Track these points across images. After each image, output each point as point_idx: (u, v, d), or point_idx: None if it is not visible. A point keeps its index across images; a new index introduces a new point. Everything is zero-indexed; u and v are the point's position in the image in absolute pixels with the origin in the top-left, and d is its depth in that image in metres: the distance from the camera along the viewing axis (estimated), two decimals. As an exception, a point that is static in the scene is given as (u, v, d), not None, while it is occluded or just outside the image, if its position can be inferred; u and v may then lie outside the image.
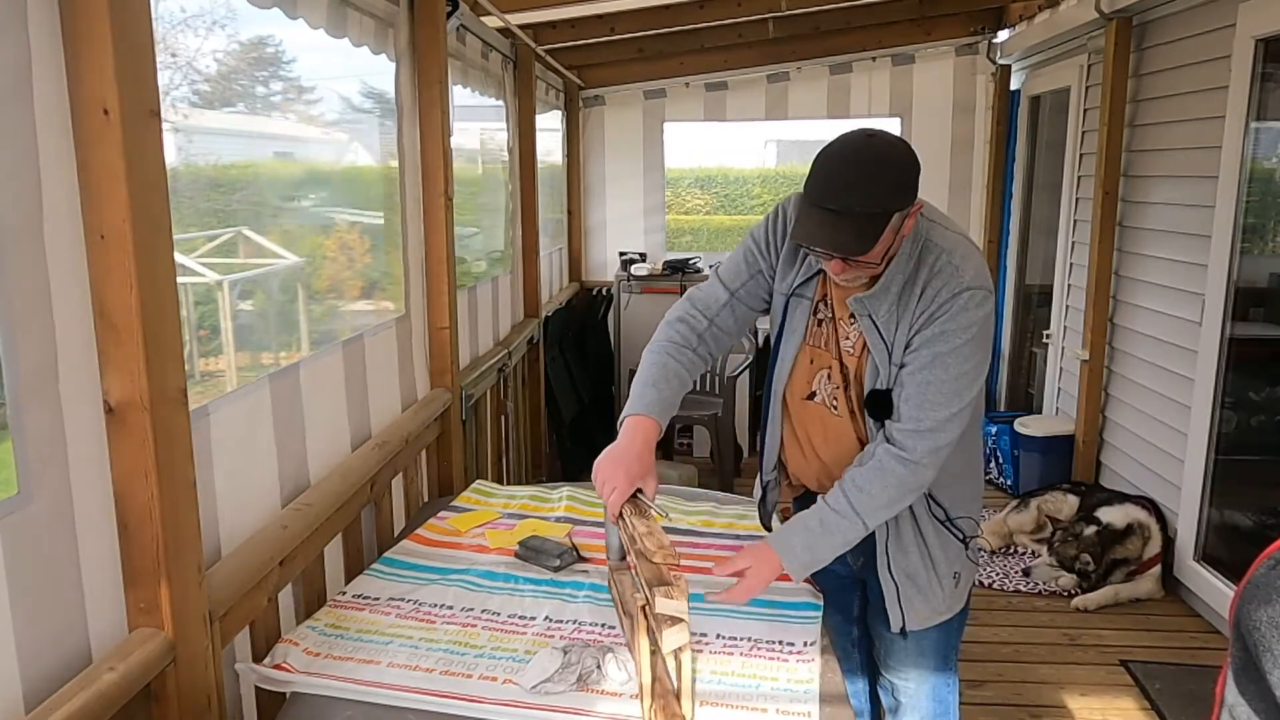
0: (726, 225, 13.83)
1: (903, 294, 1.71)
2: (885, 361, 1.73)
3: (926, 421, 1.68)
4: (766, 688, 1.64)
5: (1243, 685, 0.93)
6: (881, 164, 1.62)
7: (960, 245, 1.73)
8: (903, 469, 1.69)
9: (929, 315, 1.69)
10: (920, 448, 1.68)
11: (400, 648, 1.77)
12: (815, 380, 1.86)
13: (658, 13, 4.60)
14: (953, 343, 1.68)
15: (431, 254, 2.86)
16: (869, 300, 1.73)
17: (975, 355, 1.70)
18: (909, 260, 1.71)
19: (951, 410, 1.69)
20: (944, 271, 1.69)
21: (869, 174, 1.61)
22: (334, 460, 2.24)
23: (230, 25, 2.17)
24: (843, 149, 1.64)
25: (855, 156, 1.63)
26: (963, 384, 1.69)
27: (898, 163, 1.64)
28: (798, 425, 1.91)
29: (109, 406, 1.33)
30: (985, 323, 1.70)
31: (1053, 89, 5.14)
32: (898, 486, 1.70)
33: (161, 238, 1.35)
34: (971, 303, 1.67)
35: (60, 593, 1.31)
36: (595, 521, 2.43)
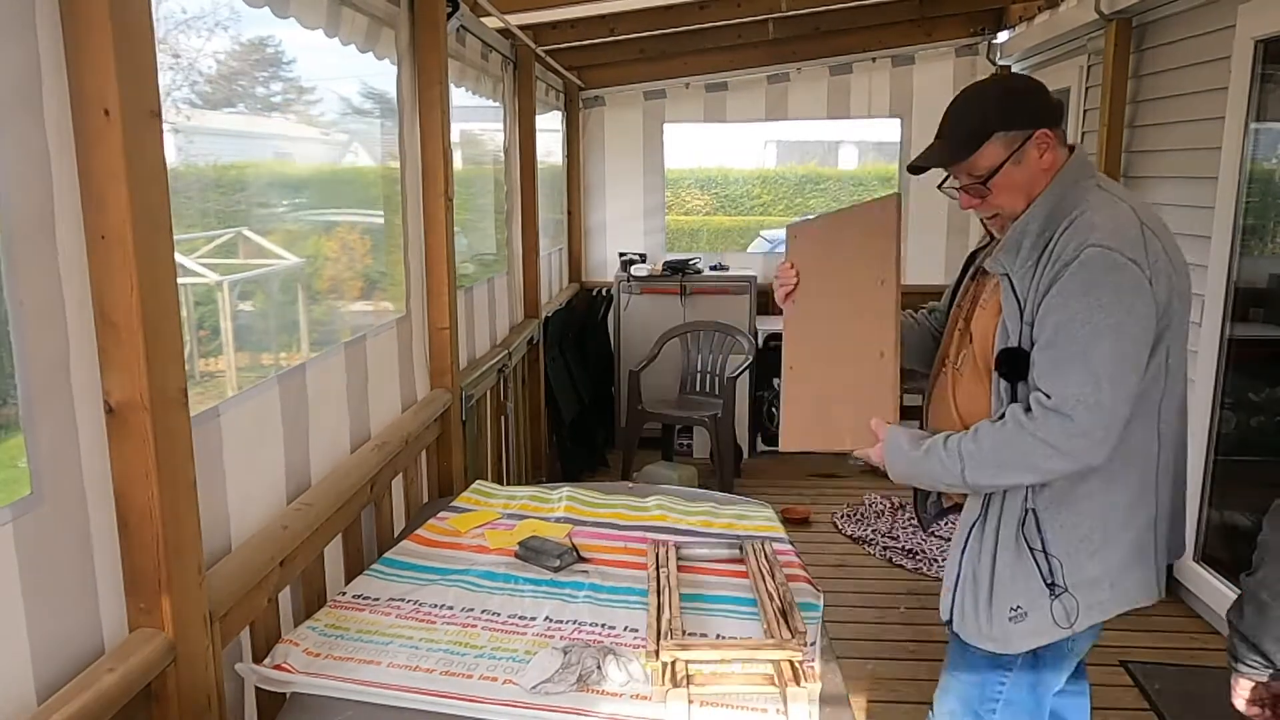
0: (726, 226, 13.84)
1: (1036, 246, 1.59)
2: (1017, 321, 1.59)
3: (1056, 396, 1.52)
4: (767, 688, 1.64)
5: None
6: (986, 89, 1.71)
7: (1112, 207, 1.58)
8: (1020, 436, 1.54)
9: (1055, 274, 1.54)
10: (1048, 422, 1.52)
11: (400, 648, 1.77)
12: (953, 342, 1.82)
13: (658, 13, 4.60)
14: (1074, 307, 1.51)
15: (431, 254, 2.86)
16: (1002, 256, 1.63)
17: (1112, 329, 1.50)
18: (1048, 217, 1.60)
19: (1085, 390, 1.50)
20: (1078, 226, 1.55)
21: (969, 97, 1.69)
22: (337, 460, 2.24)
23: (231, 26, 2.18)
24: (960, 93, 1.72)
25: (965, 92, 1.71)
26: (1098, 358, 1.50)
27: (1002, 88, 1.71)
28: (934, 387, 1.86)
29: (109, 406, 1.33)
30: (1121, 291, 1.50)
31: (1052, 89, 5.13)
32: (1008, 449, 1.55)
33: (161, 238, 1.35)
34: (1097, 262, 1.50)
35: (73, 592, 1.32)
36: (595, 522, 2.43)
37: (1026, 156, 1.63)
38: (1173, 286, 1.59)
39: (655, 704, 1.59)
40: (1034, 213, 1.62)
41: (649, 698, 1.61)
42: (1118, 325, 1.51)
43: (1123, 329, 1.51)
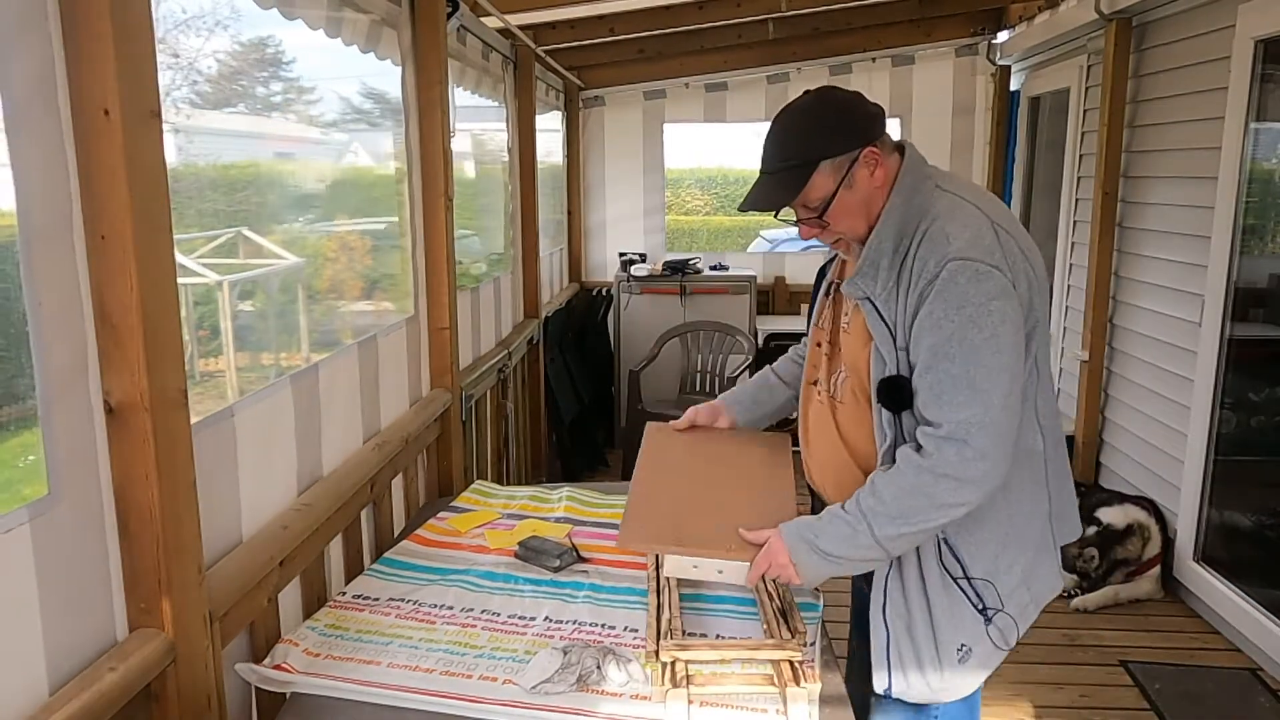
0: (726, 226, 13.83)
1: (894, 265, 1.53)
2: (890, 347, 1.53)
3: (946, 425, 1.46)
4: (767, 688, 1.64)
5: None
6: (805, 113, 1.58)
7: (962, 211, 1.52)
8: (918, 476, 1.48)
9: (919, 294, 1.48)
10: (943, 455, 1.46)
11: (400, 648, 1.77)
12: (820, 365, 1.75)
13: (657, 14, 4.60)
14: (947, 328, 1.45)
15: (432, 255, 2.86)
16: (860, 281, 1.56)
17: (987, 343, 1.44)
18: (903, 228, 1.53)
19: (973, 412, 1.45)
20: (934, 238, 1.49)
21: (788, 126, 1.58)
22: (350, 459, 2.25)
23: (231, 26, 2.18)
24: (779, 113, 1.62)
25: (781, 116, 1.61)
26: (980, 376, 1.44)
27: (824, 108, 1.57)
28: (802, 413, 1.81)
29: (109, 407, 1.33)
30: (989, 301, 1.44)
31: (1052, 90, 5.14)
32: (911, 494, 1.48)
33: (162, 238, 1.35)
34: (961, 275, 1.44)
35: (89, 592, 1.32)
36: (595, 522, 2.43)
37: (857, 178, 1.55)
38: (1031, 282, 1.53)
39: (655, 704, 1.59)
40: (883, 231, 1.55)
41: (649, 698, 1.61)
42: (993, 337, 1.45)
43: (998, 340, 1.46)
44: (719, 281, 5.78)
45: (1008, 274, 1.48)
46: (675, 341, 5.46)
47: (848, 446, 1.68)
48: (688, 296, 5.72)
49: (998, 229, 1.52)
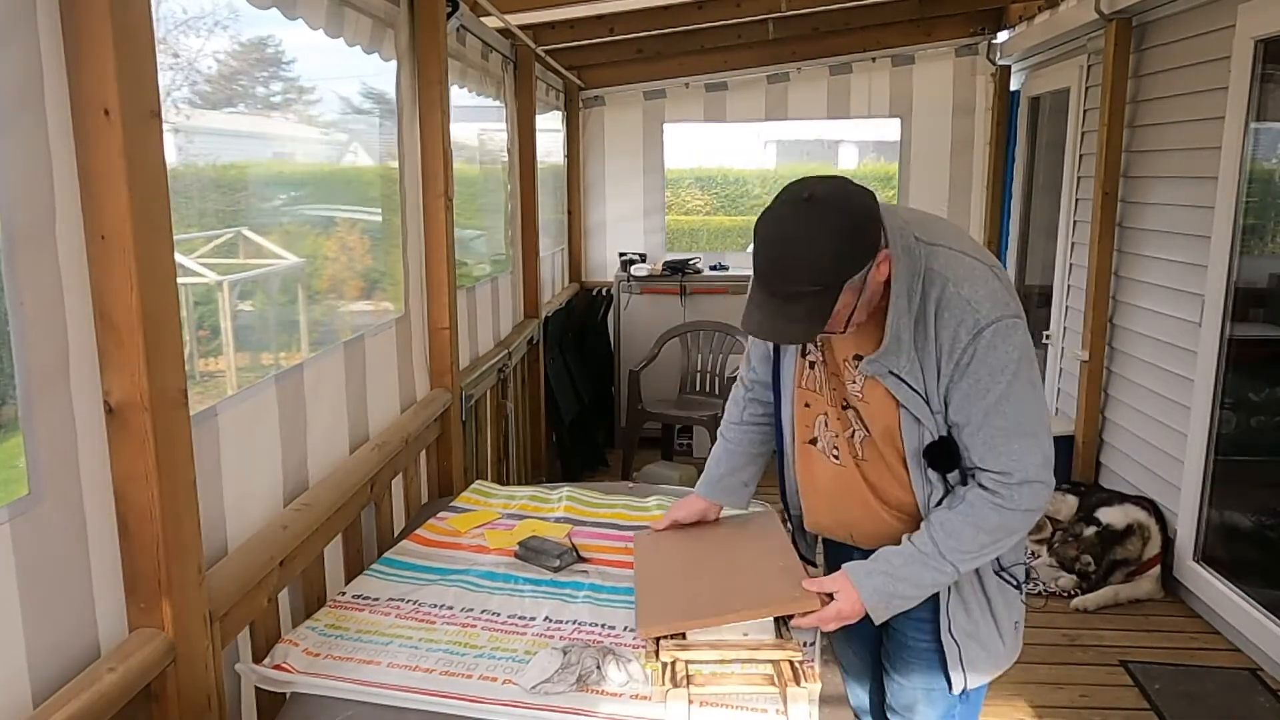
0: (726, 226, 13.83)
1: (916, 337, 1.54)
2: (926, 412, 1.57)
3: (1019, 473, 1.54)
4: (767, 688, 1.64)
5: None
6: (821, 235, 1.44)
7: (965, 269, 1.54)
8: (1000, 516, 1.56)
9: (956, 363, 1.52)
10: (1019, 496, 1.55)
11: (400, 648, 1.77)
12: (815, 425, 1.75)
13: (657, 13, 4.60)
14: (996, 390, 1.52)
15: (431, 254, 2.86)
16: (883, 359, 1.56)
17: (1028, 390, 1.54)
18: (911, 297, 1.53)
19: (1036, 454, 1.55)
20: (954, 306, 1.51)
21: (805, 249, 1.44)
22: (334, 460, 2.24)
23: (231, 26, 2.18)
24: (779, 221, 1.48)
25: (792, 231, 1.45)
26: (1029, 422, 1.55)
27: (841, 228, 1.45)
28: (802, 469, 1.82)
29: (109, 407, 1.33)
30: (1023, 351, 1.53)
31: (1052, 90, 5.14)
32: (993, 532, 1.57)
33: (161, 238, 1.35)
34: (997, 339, 1.50)
35: (70, 593, 1.32)
36: (594, 522, 2.43)
37: (870, 282, 1.51)
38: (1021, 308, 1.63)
39: (655, 704, 1.59)
40: (898, 306, 1.53)
41: (649, 698, 1.61)
42: (1029, 379, 1.55)
43: (1035, 383, 1.57)
44: (719, 281, 5.78)
45: (1021, 315, 1.57)
46: (675, 341, 5.46)
47: (879, 499, 1.71)
48: (688, 296, 5.72)
49: (995, 272, 1.59)
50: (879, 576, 1.61)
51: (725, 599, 1.71)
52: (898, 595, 1.62)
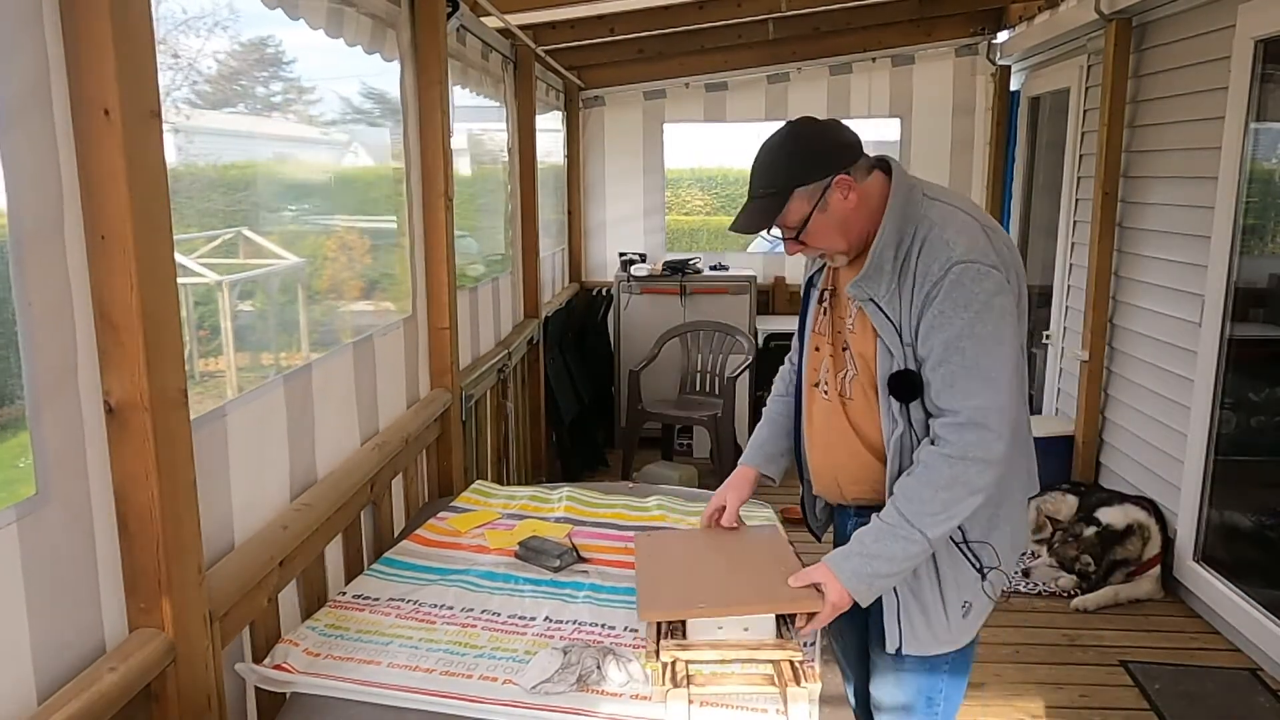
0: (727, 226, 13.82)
1: (900, 271, 1.67)
2: (897, 343, 1.67)
3: (964, 412, 1.61)
4: (767, 688, 1.64)
5: None
6: (779, 146, 1.72)
7: (955, 219, 1.67)
8: (950, 467, 1.61)
9: (926, 295, 1.63)
10: (966, 441, 1.60)
11: (400, 648, 1.77)
12: (820, 368, 1.85)
13: (657, 13, 4.60)
14: (957, 324, 1.60)
15: (431, 254, 2.86)
16: (864, 283, 1.69)
17: (993, 335, 1.61)
18: (901, 237, 1.67)
19: (988, 398, 1.60)
20: (934, 244, 1.64)
21: (765, 158, 1.73)
22: (343, 460, 2.25)
23: (231, 26, 2.18)
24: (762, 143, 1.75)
25: (762, 145, 1.74)
26: (989, 366, 1.61)
27: (798, 139, 1.71)
28: (806, 413, 1.90)
29: (110, 407, 1.33)
30: (993, 299, 1.60)
31: (1052, 90, 5.14)
32: (949, 487, 1.61)
33: (161, 238, 1.35)
34: (965, 277, 1.60)
35: (76, 593, 1.32)
36: (595, 522, 2.43)
37: (830, 203, 1.69)
38: (1020, 276, 1.71)
39: (655, 704, 1.59)
40: (885, 239, 1.68)
41: (649, 698, 1.61)
42: (996, 329, 1.62)
43: (1001, 332, 1.62)
44: (719, 281, 5.78)
45: (1003, 271, 1.64)
46: (675, 341, 5.46)
47: (861, 439, 1.78)
48: (688, 296, 5.72)
49: (988, 231, 1.68)
50: (855, 558, 1.67)
51: (729, 593, 1.73)
52: (877, 574, 1.66)
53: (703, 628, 1.67)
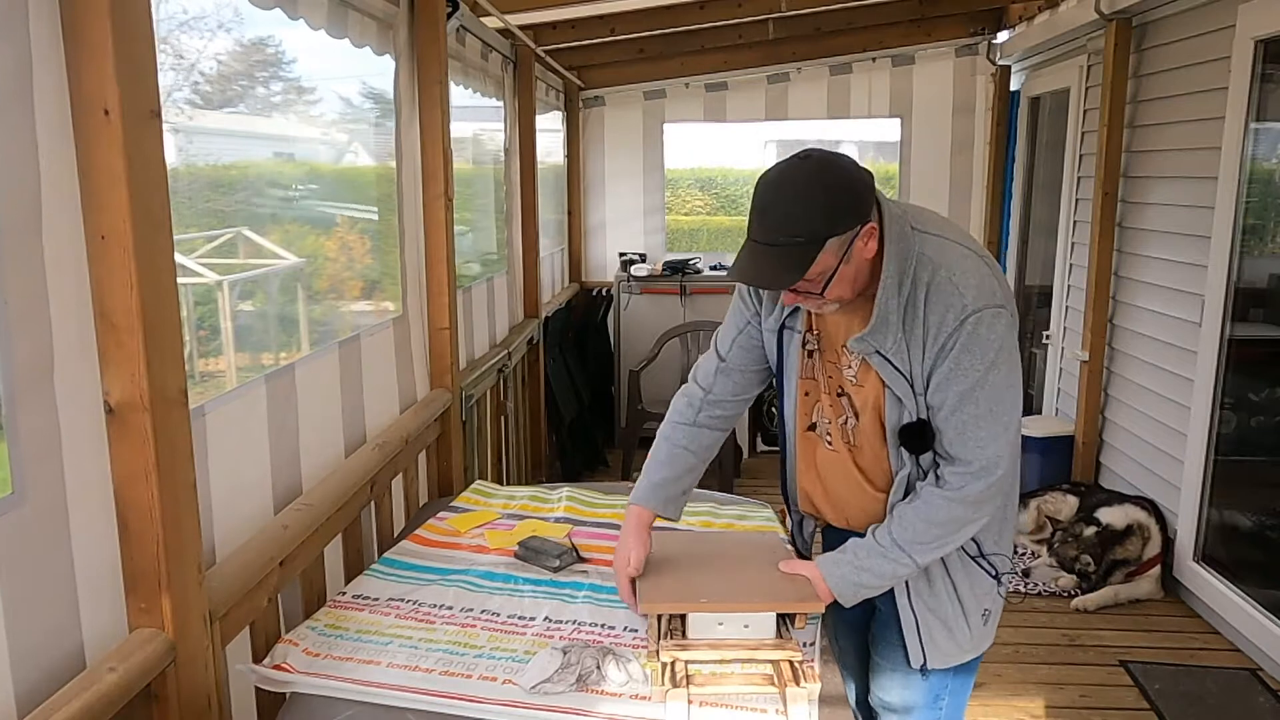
0: (727, 226, 13.82)
1: (905, 319, 1.59)
2: (909, 393, 1.62)
3: (978, 462, 1.59)
4: (766, 689, 1.64)
5: None
6: (810, 188, 1.52)
7: (957, 257, 1.59)
8: (950, 509, 1.62)
9: (940, 347, 1.57)
10: (973, 488, 1.60)
11: (400, 648, 1.77)
12: (814, 412, 1.82)
13: (658, 13, 4.60)
14: (973, 375, 1.56)
15: (431, 254, 2.86)
16: (871, 337, 1.60)
17: (1005, 379, 1.58)
18: (902, 280, 1.58)
19: (1001, 445, 1.60)
20: (943, 291, 1.57)
21: (793, 200, 1.51)
22: (328, 462, 2.24)
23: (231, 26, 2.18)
24: (774, 176, 1.55)
25: (781, 182, 1.53)
26: (1002, 412, 1.59)
27: (830, 185, 1.52)
28: (803, 457, 1.87)
29: (109, 407, 1.33)
30: (1005, 341, 1.57)
31: (1052, 90, 5.14)
32: (945, 524, 1.63)
33: (161, 238, 1.35)
34: (981, 326, 1.55)
35: (54, 594, 1.31)
36: (595, 522, 2.43)
37: (854, 252, 1.55)
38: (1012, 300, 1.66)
39: (655, 704, 1.59)
40: (888, 288, 1.58)
41: (648, 698, 1.61)
42: (1008, 375, 1.60)
43: (1012, 374, 1.61)
44: (719, 281, 5.78)
45: (1008, 306, 1.60)
46: (675, 341, 5.45)
47: (872, 484, 1.77)
48: (688, 296, 5.72)
49: (987, 262, 1.63)
50: (845, 566, 1.70)
51: (730, 590, 1.74)
52: (863, 585, 1.69)
53: (703, 626, 1.68)
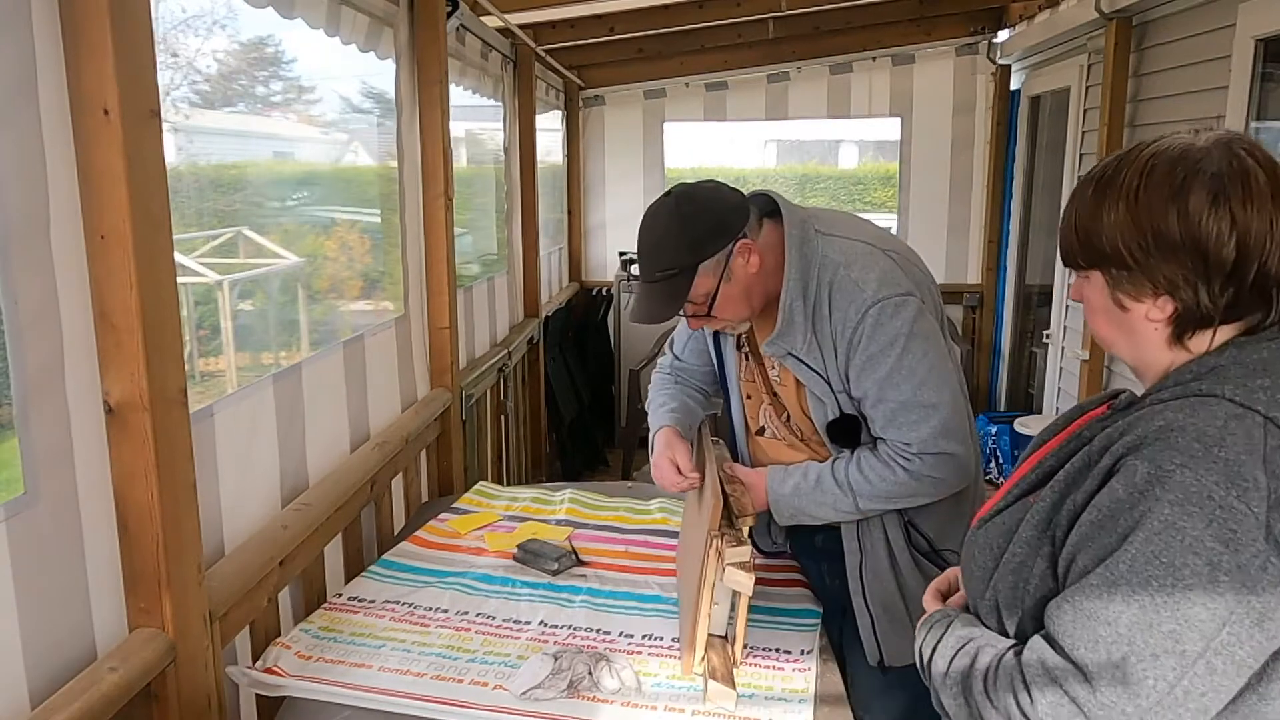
0: (726, 225, 13.79)
1: (813, 320, 1.64)
2: (826, 390, 1.67)
3: (915, 445, 1.62)
4: (760, 696, 1.63)
5: None
6: (669, 222, 1.64)
7: (859, 254, 1.64)
8: (908, 478, 1.64)
9: (849, 341, 1.62)
10: (923, 465, 1.63)
11: (392, 651, 1.76)
12: (760, 415, 1.87)
13: (657, 13, 4.59)
14: (886, 363, 1.60)
15: (431, 254, 2.86)
16: (780, 340, 1.66)
17: (922, 363, 1.61)
18: (806, 284, 1.63)
19: (933, 425, 1.61)
20: (844, 288, 1.62)
21: (662, 237, 1.65)
22: (334, 460, 2.24)
23: (230, 26, 2.18)
24: (646, 218, 1.69)
25: (649, 223, 1.68)
26: (927, 394, 1.61)
27: (688, 215, 1.63)
28: (756, 460, 1.90)
29: (109, 407, 1.33)
30: (915, 326, 1.60)
31: (1053, 89, 5.13)
32: (898, 486, 1.65)
33: (161, 238, 1.35)
34: (884, 316, 1.59)
35: (66, 593, 1.31)
36: (596, 525, 2.43)
37: (734, 270, 1.64)
38: (927, 286, 1.71)
39: (647, 711, 1.58)
40: (791, 292, 1.63)
41: (639, 705, 1.60)
42: (925, 355, 1.61)
43: (930, 356, 1.62)
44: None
45: (916, 294, 1.63)
46: (675, 341, 5.45)
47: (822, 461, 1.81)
48: (688, 296, 5.71)
49: (890, 255, 1.67)
50: (789, 495, 1.73)
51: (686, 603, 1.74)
52: (801, 511, 1.73)
53: None
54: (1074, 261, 1.11)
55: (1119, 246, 1.01)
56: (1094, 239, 1.04)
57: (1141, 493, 0.93)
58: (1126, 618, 0.91)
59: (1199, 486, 0.91)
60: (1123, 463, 0.97)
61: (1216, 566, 0.89)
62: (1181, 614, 0.90)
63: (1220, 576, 0.89)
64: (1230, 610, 0.89)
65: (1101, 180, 1.05)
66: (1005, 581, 1.07)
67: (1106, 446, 1.01)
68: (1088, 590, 0.94)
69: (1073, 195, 1.11)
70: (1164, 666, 0.90)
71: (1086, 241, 1.06)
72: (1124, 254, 1.01)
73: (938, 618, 1.18)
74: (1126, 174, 1.02)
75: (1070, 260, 1.12)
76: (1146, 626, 0.91)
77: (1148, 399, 1.04)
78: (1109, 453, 0.99)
